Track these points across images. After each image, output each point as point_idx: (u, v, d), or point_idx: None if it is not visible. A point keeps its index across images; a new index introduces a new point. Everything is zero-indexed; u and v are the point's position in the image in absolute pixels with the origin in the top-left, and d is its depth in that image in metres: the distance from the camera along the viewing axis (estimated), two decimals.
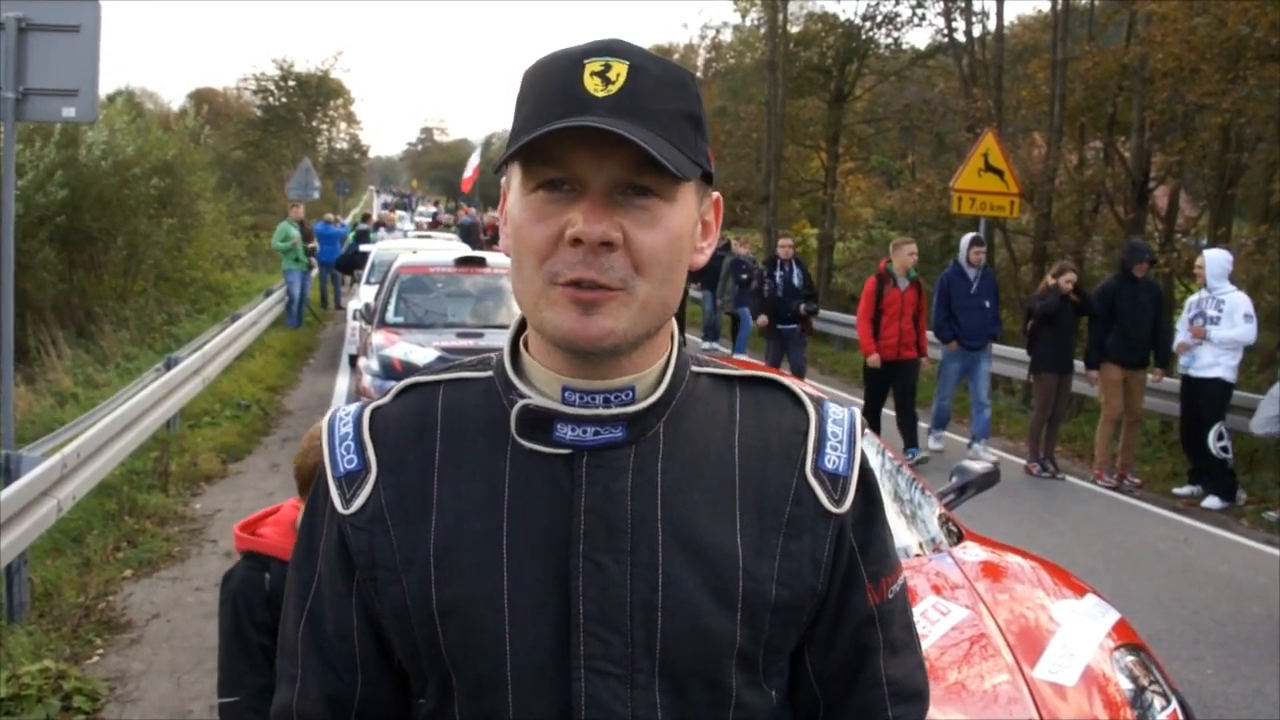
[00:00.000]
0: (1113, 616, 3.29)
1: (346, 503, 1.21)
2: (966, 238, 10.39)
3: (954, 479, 4.29)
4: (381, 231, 25.59)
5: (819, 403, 1.27)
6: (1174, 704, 2.99)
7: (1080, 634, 3.10)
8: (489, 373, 1.24)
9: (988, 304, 10.09)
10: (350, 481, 1.21)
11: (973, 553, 3.60)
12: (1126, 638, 3.21)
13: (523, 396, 1.18)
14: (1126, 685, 2.95)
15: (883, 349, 9.68)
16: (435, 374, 1.27)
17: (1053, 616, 3.20)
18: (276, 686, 1.29)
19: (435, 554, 1.16)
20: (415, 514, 1.18)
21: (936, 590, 3.20)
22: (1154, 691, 3.01)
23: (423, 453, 1.20)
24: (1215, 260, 8.88)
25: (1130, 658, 3.09)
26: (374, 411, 1.25)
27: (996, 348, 10.94)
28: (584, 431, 1.15)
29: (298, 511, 2.37)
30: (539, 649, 1.13)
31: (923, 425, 10.31)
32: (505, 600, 1.14)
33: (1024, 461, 10.00)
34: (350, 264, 18.76)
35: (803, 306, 12.04)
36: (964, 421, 12.60)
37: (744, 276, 12.80)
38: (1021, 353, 11.07)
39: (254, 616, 2.37)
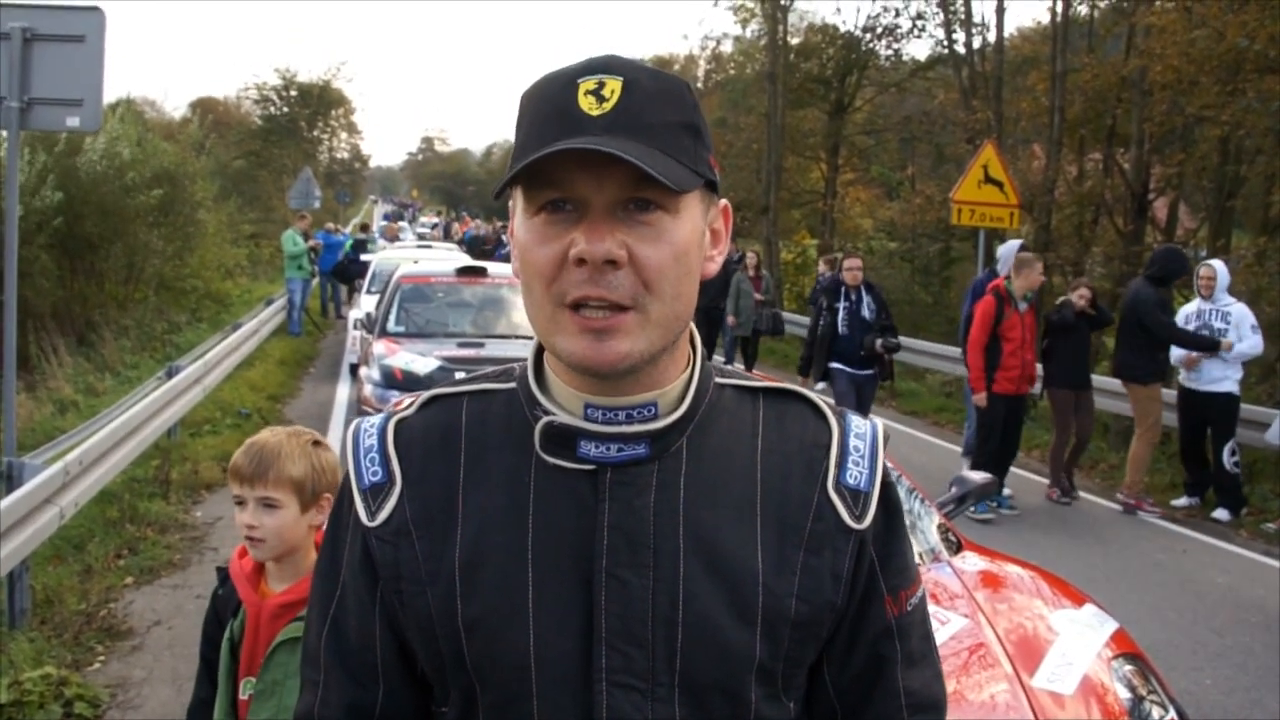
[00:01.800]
0: (1111, 626, 3.31)
1: (371, 515, 1.21)
2: (1013, 244, 9.43)
3: (953, 489, 4.31)
4: (382, 243, 25.56)
5: (842, 416, 1.27)
6: (1172, 713, 3.01)
7: (1079, 643, 3.12)
8: (512, 384, 1.25)
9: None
10: (375, 494, 1.22)
11: (972, 562, 3.62)
12: (1125, 647, 3.22)
13: (546, 411, 1.18)
14: (1125, 695, 2.97)
15: (1004, 381, 8.39)
16: (459, 386, 1.28)
17: (1051, 626, 3.21)
18: (300, 692, 1.30)
19: (461, 567, 1.17)
20: (440, 527, 1.19)
21: (936, 600, 3.21)
22: (1152, 701, 3.02)
23: (447, 465, 1.21)
24: (1224, 272, 8.79)
25: (1129, 667, 3.10)
26: (398, 423, 1.26)
27: None
28: (607, 449, 1.16)
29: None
30: (563, 662, 1.14)
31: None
32: (530, 614, 1.15)
33: (1043, 481, 9.62)
34: (346, 273, 18.73)
35: (879, 342, 9.14)
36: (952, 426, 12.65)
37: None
38: None
39: (205, 627, 2.44)
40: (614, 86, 1.09)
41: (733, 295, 15.00)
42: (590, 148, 1.05)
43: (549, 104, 1.11)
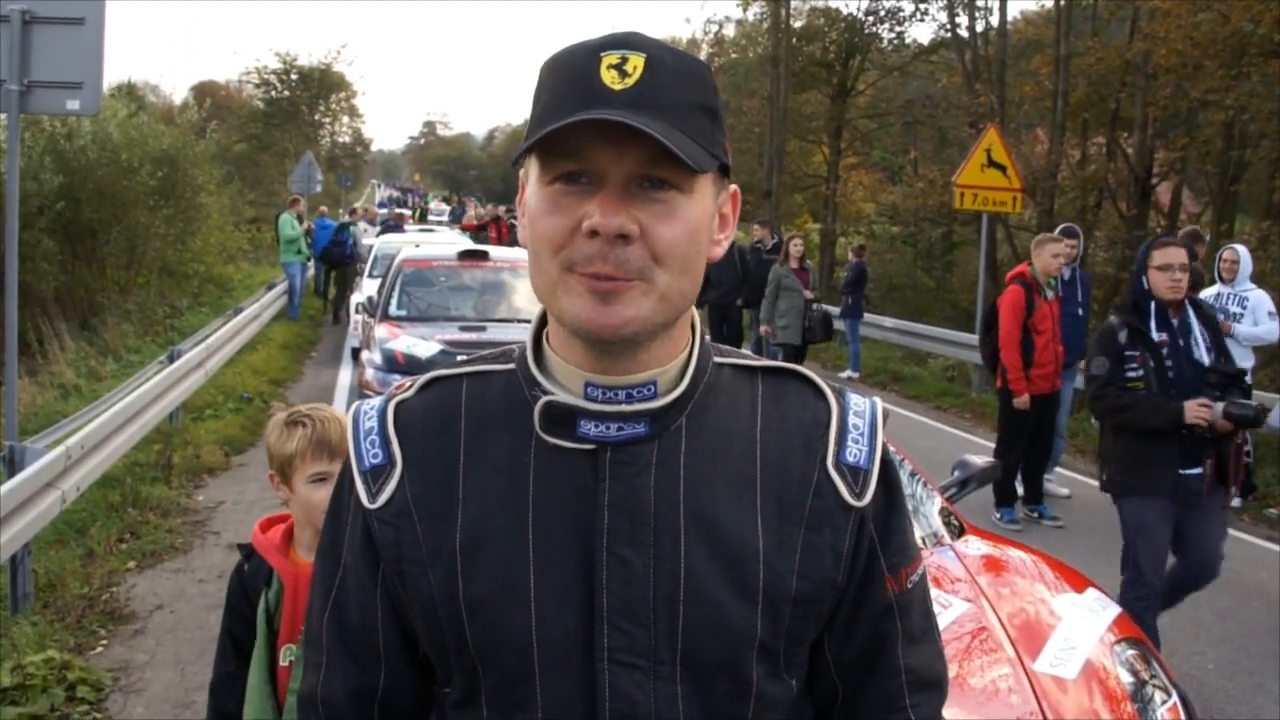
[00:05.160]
0: (1113, 611, 3.31)
1: (372, 497, 1.22)
2: (1061, 229, 8.49)
3: (956, 473, 4.30)
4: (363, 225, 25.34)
5: (840, 394, 1.27)
6: (1174, 698, 3.01)
7: (1081, 628, 3.11)
8: (511, 366, 1.25)
9: (1080, 311, 8.34)
10: (376, 476, 1.22)
11: (974, 546, 3.61)
12: (1127, 632, 3.22)
13: (546, 391, 1.18)
14: (1127, 679, 2.97)
15: (1037, 380, 7.53)
16: (458, 367, 1.28)
17: (1054, 610, 3.21)
18: (302, 674, 1.31)
19: (462, 547, 1.17)
20: (441, 508, 1.19)
21: (938, 583, 3.21)
22: (1155, 685, 3.02)
23: (447, 446, 1.21)
24: (1246, 257, 8.65)
25: (1131, 651, 3.10)
26: (398, 405, 1.26)
27: None
28: (607, 428, 1.16)
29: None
30: (564, 641, 1.15)
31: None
32: (532, 593, 1.15)
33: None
34: (332, 256, 18.59)
35: (1220, 407, 4.70)
36: (954, 411, 12.64)
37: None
38: None
39: (231, 601, 2.46)
40: (637, 62, 1.09)
41: (770, 296, 12.24)
42: (614, 119, 1.05)
43: (571, 75, 1.11)
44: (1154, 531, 4.87)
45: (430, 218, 43.14)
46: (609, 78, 1.09)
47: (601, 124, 1.06)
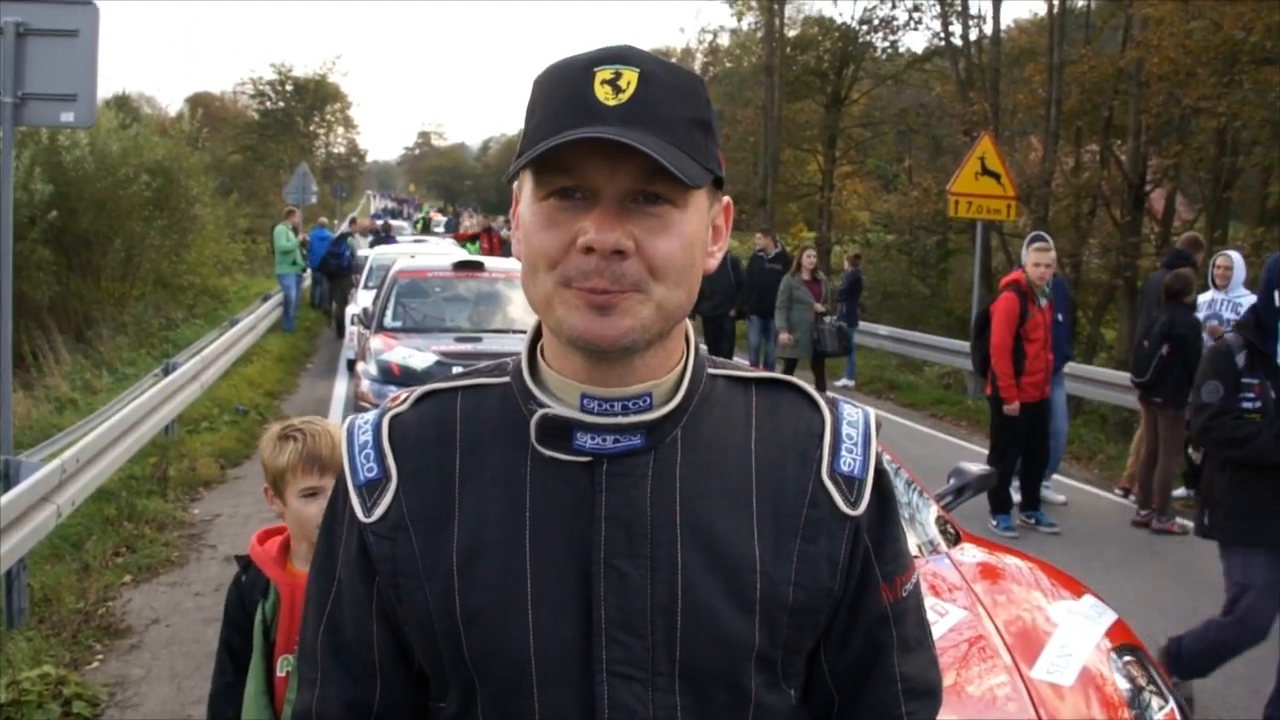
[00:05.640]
0: (1110, 617, 3.31)
1: (368, 511, 1.22)
2: (1032, 237, 8.33)
3: (952, 481, 4.30)
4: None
5: (834, 404, 1.28)
6: (1171, 704, 3.01)
7: (1078, 634, 3.12)
8: (505, 379, 1.25)
9: (1060, 317, 8.21)
10: (371, 490, 1.22)
11: (970, 554, 3.62)
12: (1124, 638, 3.22)
13: (541, 404, 1.18)
14: (1124, 685, 2.97)
15: (1027, 388, 7.53)
16: (452, 381, 1.28)
17: (1050, 617, 3.21)
18: (297, 690, 1.30)
19: (459, 560, 1.17)
20: (437, 521, 1.19)
21: (934, 591, 3.21)
22: (1151, 692, 3.03)
23: (442, 460, 1.21)
24: (1240, 263, 8.62)
25: (1128, 658, 3.10)
26: (392, 419, 1.26)
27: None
28: (603, 440, 1.16)
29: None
30: (562, 653, 1.15)
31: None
32: (529, 605, 1.15)
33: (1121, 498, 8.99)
34: (328, 266, 18.73)
35: None
36: (950, 419, 12.65)
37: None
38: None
39: (229, 613, 2.47)
40: (630, 78, 1.10)
41: (783, 305, 12.12)
42: (608, 137, 1.05)
43: (564, 91, 1.11)
44: (1268, 589, 4.43)
45: (432, 228, 43.23)
46: (603, 93, 1.09)
47: (596, 141, 1.06)
